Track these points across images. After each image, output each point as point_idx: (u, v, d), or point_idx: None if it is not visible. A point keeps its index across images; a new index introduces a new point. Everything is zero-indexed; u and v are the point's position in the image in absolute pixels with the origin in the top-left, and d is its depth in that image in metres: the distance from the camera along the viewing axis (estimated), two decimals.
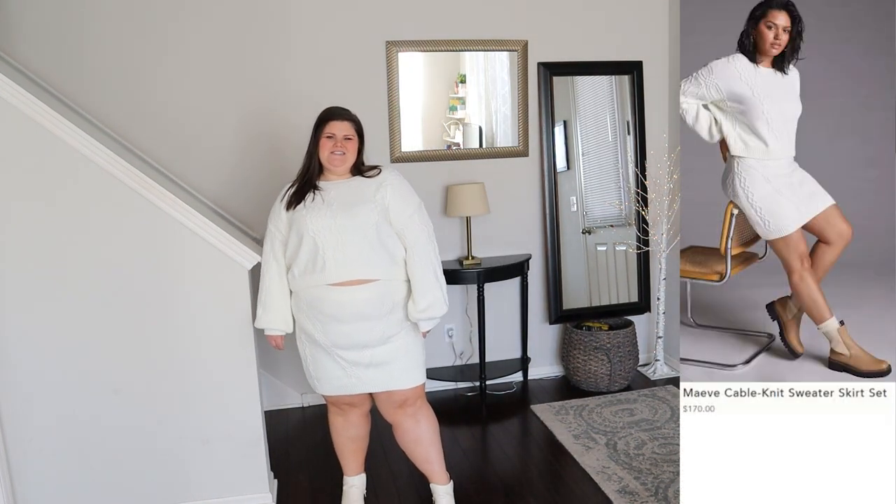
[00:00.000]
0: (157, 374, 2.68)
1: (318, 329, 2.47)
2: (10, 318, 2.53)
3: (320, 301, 2.43)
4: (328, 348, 2.49)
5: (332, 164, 2.49)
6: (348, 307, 2.41)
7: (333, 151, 2.48)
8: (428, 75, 3.85)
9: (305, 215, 2.44)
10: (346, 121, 2.52)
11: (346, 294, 2.41)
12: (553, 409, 3.74)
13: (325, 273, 2.41)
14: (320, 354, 2.52)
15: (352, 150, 2.51)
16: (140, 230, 2.59)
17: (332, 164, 2.49)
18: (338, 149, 2.48)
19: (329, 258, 2.40)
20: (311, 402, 3.94)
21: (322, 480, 3.11)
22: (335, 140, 2.48)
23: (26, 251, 2.51)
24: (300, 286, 2.48)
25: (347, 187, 2.50)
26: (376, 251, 2.44)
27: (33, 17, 3.31)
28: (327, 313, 2.43)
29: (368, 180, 2.52)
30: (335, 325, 2.44)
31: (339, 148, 2.48)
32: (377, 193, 2.47)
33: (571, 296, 4.12)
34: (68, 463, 2.67)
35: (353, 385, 2.54)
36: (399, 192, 2.50)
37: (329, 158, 2.48)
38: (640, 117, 4.08)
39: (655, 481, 2.96)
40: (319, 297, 2.43)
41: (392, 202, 2.47)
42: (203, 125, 3.57)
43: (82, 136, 2.47)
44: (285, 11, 3.58)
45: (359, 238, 2.42)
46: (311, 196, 2.48)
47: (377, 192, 2.47)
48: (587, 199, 4.10)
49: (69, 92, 3.35)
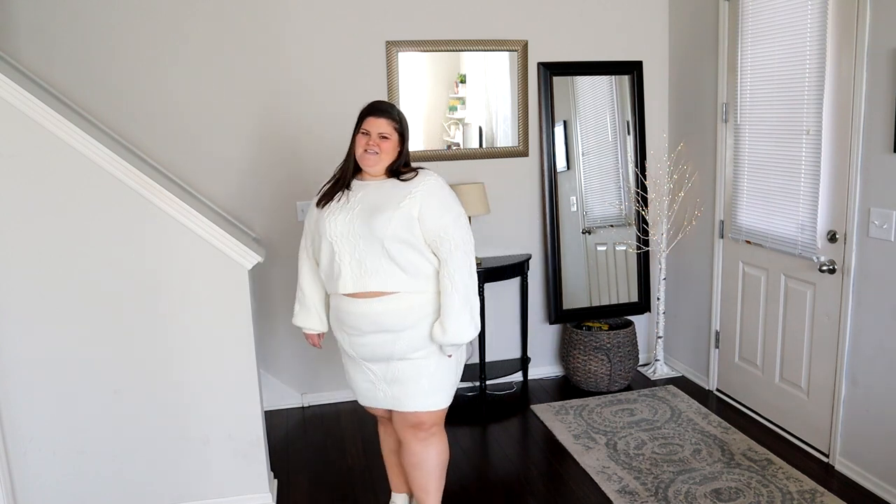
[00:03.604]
0: (157, 374, 2.68)
1: (345, 340, 2.38)
2: (10, 318, 2.53)
3: (342, 312, 2.32)
4: (356, 359, 2.41)
5: (363, 162, 2.30)
6: (366, 319, 2.27)
7: (366, 150, 2.28)
8: (428, 75, 3.85)
9: (328, 217, 2.28)
10: (385, 118, 2.30)
11: (362, 306, 2.26)
12: (553, 409, 3.74)
13: (339, 281, 2.27)
14: (350, 364, 2.46)
15: (387, 151, 2.29)
16: (140, 230, 2.58)
17: (364, 163, 2.30)
18: (371, 147, 2.27)
19: (345, 266, 2.25)
20: (311, 402, 3.94)
21: (322, 480, 3.12)
22: (370, 138, 2.28)
23: (26, 251, 2.51)
24: (328, 291, 2.40)
25: (377, 190, 2.29)
26: (395, 262, 2.23)
27: (33, 17, 3.31)
28: (350, 325, 2.32)
29: (401, 184, 2.28)
30: (359, 336, 2.32)
31: (373, 147, 2.27)
32: (404, 201, 2.23)
33: (571, 296, 4.12)
34: (68, 463, 2.67)
35: (379, 399, 2.42)
36: (432, 200, 2.25)
37: (361, 157, 2.29)
38: (640, 117, 4.08)
39: (655, 481, 2.96)
40: (341, 309, 2.33)
41: (423, 211, 2.23)
42: (202, 125, 3.57)
43: (83, 137, 2.47)
44: (285, 12, 3.58)
45: (376, 248, 2.22)
46: (340, 196, 2.32)
47: (404, 200, 2.24)
48: (587, 199, 4.10)
49: (69, 92, 3.35)
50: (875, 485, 2.84)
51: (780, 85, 3.23)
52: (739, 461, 3.10)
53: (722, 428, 3.43)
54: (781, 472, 2.99)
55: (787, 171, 3.21)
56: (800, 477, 2.95)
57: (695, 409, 3.65)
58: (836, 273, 2.97)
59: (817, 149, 3.01)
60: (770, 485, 2.90)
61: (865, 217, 2.81)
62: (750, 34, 3.40)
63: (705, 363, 3.97)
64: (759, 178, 3.42)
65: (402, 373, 2.34)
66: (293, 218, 3.76)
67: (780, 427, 3.41)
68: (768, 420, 3.49)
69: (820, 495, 2.81)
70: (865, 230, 2.82)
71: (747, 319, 3.60)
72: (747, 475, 2.98)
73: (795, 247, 3.18)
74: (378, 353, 2.33)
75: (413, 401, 2.35)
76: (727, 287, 3.75)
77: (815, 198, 3.04)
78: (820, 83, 2.97)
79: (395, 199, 2.25)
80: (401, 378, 2.35)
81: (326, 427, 3.66)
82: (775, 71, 3.25)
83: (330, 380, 3.94)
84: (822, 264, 2.99)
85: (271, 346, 3.81)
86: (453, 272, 2.25)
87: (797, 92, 3.11)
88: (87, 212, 2.53)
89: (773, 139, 3.30)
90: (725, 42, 3.59)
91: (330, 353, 3.93)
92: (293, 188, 3.73)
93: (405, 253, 2.24)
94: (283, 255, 3.75)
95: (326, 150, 3.73)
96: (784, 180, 3.24)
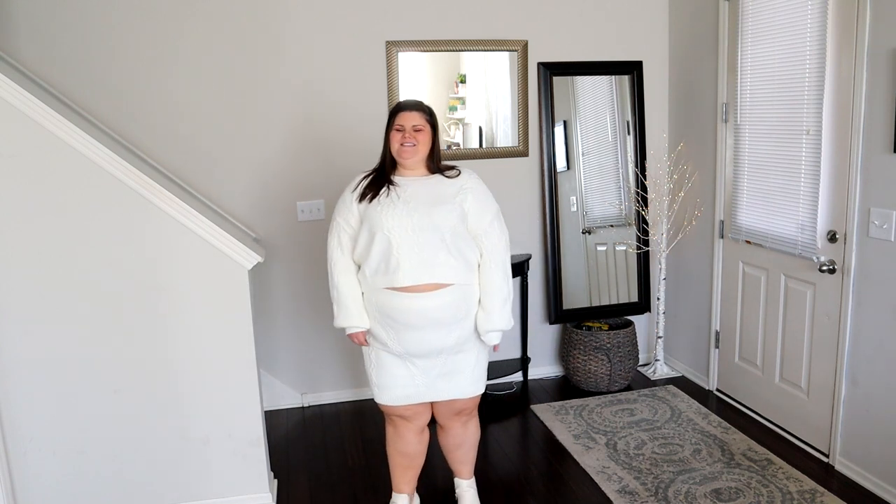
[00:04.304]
0: (156, 373, 2.68)
1: (392, 336, 2.38)
2: (10, 318, 2.53)
3: (392, 308, 2.34)
4: (401, 356, 2.41)
5: (402, 156, 2.38)
6: (422, 314, 2.32)
7: (403, 143, 2.37)
8: (428, 75, 3.85)
9: (381, 212, 2.33)
10: (416, 111, 2.41)
11: (419, 301, 2.31)
12: (553, 409, 3.74)
13: (398, 275, 2.30)
14: (388, 361, 2.45)
15: (423, 142, 2.39)
16: (140, 230, 2.58)
17: (402, 157, 2.38)
18: (407, 140, 2.37)
19: (403, 259, 2.30)
20: (311, 402, 3.94)
21: (322, 480, 3.12)
22: (404, 132, 2.38)
23: (26, 251, 2.51)
24: (370, 287, 2.38)
25: (426, 186, 2.40)
26: (453, 255, 2.34)
27: (33, 17, 3.31)
28: (401, 321, 2.34)
29: (448, 180, 2.42)
30: (410, 332, 2.35)
31: (409, 139, 2.37)
32: (457, 196, 2.38)
33: (571, 296, 4.12)
34: (68, 463, 2.67)
35: (420, 394, 2.46)
36: (480, 196, 2.41)
37: (399, 151, 2.38)
38: (640, 117, 4.08)
39: (655, 481, 2.96)
40: (391, 305, 2.34)
41: (472, 206, 2.39)
42: (202, 125, 3.57)
43: (83, 137, 2.47)
44: (285, 11, 3.58)
45: (436, 240, 2.31)
46: (387, 191, 2.38)
47: (457, 195, 2.38)
48: (587, 199, 4.10)
49: (69, 92, 3.35)
50: (875, 485, 2.84)
51: (780, 85, 3.23)
52: (739, 461, 3.10)
53: (722, 428, 3.43)
54: (781, 472, 2.99)
55: (787, 171, 3.21)
56: (800, 477, 2.95)
57: (695, 409, 3.65)
58: (836, 273, 2.97)
59: (817, 149, 3.01)
60: (770, 485, 2.90)
61: (865, 217, 2.81)
62: (750, 34, 3.40)
63: (705, 363, 3.97)
64: (759, 178, 3.42)
65: (454, 365, 2.45)
66: (293, 218, 3.76)
67: (780, 427, 3.41)
68: (768, 420, 3.49)
69: (820, 495, 2.81)
70: (865, 230, 2.82)
71: (747, 319, 3.60)
72: (747, 475, 2.98)
73: (795, 247, 3.18)
74: (430, 348, 2.38)
75: (464, 389, 2.49)
76: (727, 287, 3.75)
77: (815, 198, 3.04)
78: (820, 83, 2.97)
79: (449, 193, 2.39)
80: (452, 370, 2.45)
81: (326, 427, 3.66)
82: (775, 71, 3.25)
83: (330, 380, 3.94)
84: (822, 264, 2.99)
85: (271, 346, 3.81)
86: (498, 264, 2.42)
87: (797, 92, 3.11)
88: (87, 212, 2.53)
89: (773, 139, 3.30)
90: (725, 42, 3.59)
91: (330, 353, 3.94)
92: (293, 188, 3.73)
93: (459, 244, 2.37)
94: (283, 255, 3.75)
95: (326, 149, 3.73)
96: (784, 180, 3.24)
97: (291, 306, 3.84)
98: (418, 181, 2.41)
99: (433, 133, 2.44)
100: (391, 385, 2.46)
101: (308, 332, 3.87)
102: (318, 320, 3.86)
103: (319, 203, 3.76)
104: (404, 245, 2.30)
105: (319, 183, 3.75)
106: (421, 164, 2.44)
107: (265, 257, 2.96)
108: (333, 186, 3.76)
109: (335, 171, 3.75)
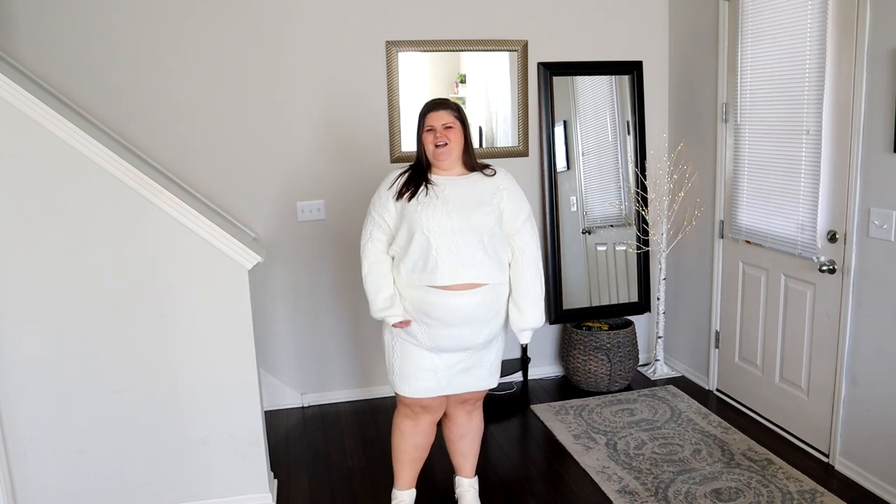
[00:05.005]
0: (156, 373, 2.68)
1: (423, 332, 2.41)
2: (10, 318, 2.53)
3: (428, 305, 2.36)
4: (431, 349, 2.44)
5: (437, 158, 2.40)
6: (458, 312, 2.35)
7: (436, 144, 2.39)
8: (428, 75, 3.85)
9: (420, 211, 2.35)
10: (444, 109, 2.43)
11: (456, 298, 2.35)
12: (553, 409, 3.74)
13: (436, 274, 2.33)
14: (414, 353, 2.46)
15: (455, 139, 2.41)
16: (140, 230, 2.58)
17: (437, 159, 2.41)
18: (440, 140, 2.39)
19: (442, 259, 2.33)
20: (311, 402, 3.94)
21: (322, 480, 3.12)
22: (435, 132, 2.39)
23: (26, 251, 2.51)
24: (407, 283, 2.40)
25: (464, 186, 2.42)
26: (489, 255, 2.38)
27: (33, 17, 3.31)
28: (437, 318, 2.37)
29: (487, 179, 2.45)
30: (444, 329, 2.39)
31: (442, 138, 2.39)
32: (494, 196, 2.41)
33: (571, 296, 4.12)
34: (68, 463, 2.67)
35: (442, 387, 2.50)
36: (514, 197, 2.45)
37: (434, 153, 2.40)
38: (640, 117, 4.08)
39: (655, 481, 2.96)
40: (428, 302, 2.36)
41: (507, 206, 2.42)
42: (202, 125, 3.57)
43: (83, 137, 2.47)
44: (285, 12, 3.58)
45: (474, 241, 2.35)
46: (425, 190, 2.39)
47: (494, 195, 2.41)
48: (587, 199, 4.10)
49: (69, 92, 3.35)
50: (875, 485, 2.84)
51: (780, 85, 3.23)
52: (739, 461, 3.10)
53: (722, 428, 3.43)
54: (781, 472, 2.99)
55: (787, 171, 3.21)
56: (800, 477, 2.95)
57: (695, 409, 3.65)
58: (836, 273, 2.97)
59: (817, 149, 3.01)
60: (770, 485, 2.90)
61: (865, 217, 2.81)
62: (750, 34, 3.40)
63: (705, 363, 3.97)
64: (759, 178, 3.42)
65: (478, 360, 2.51)
66: (293, 218, 3.76)
67: (780, 427, 3.41)
68: (768, 420, 3.49)
69: (820, 495, 2.81)
70: (865, 230, 2.82)
71: (747, 319, 3.60)
72: (747, 475, 2.98)
73: (795, 247, 3.18)
74: (461, 344, 2.43)
75: (481, 382, 2.55)
76: (727, 287, 3.75)
77: (815, 198, 3.04)
78: (820, 83, 2.97)
79: (487, 193, 2.42)
80: (476, 364, 2.51)
81: (326, 427, 3.66)
82: (775, 71, 3.25)
83: (330, 380, 3.94)
84: (822, 264, 2.99)
85: (271, 346, 3.81)
86: (531, 262, 2.47)
87: (797, 92, 3.11)
88: (87, 212, 2.53)
89: (773, 139, 3.30)
90: (725, 42, 3.59)
91: (331, 353, 3.94)
92: (293, 188, 3.73)
93: (496, 245, 2.41)
94: (283, 255, 3.75)
95: (327, 149, 3.73)
96: (784, 180, 3.24)
97: (291, 306, 3.83)
98: (456, 181, 2.43)
99: (464, 129, 2.45)
100: (415, 377, 2.48)
101: (308, 331, 3.87)
102: (318, 320, 3.86)
103: (319, 203, 3.76)
104: (443, 245, 2.33)
105: (319, 183, 3.75)
106: (457, 162, 2.46)
107: (265, 257, 2.96)
108: (333, 186, 3.77)
109: (335, 171, 3.75)
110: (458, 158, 2.46)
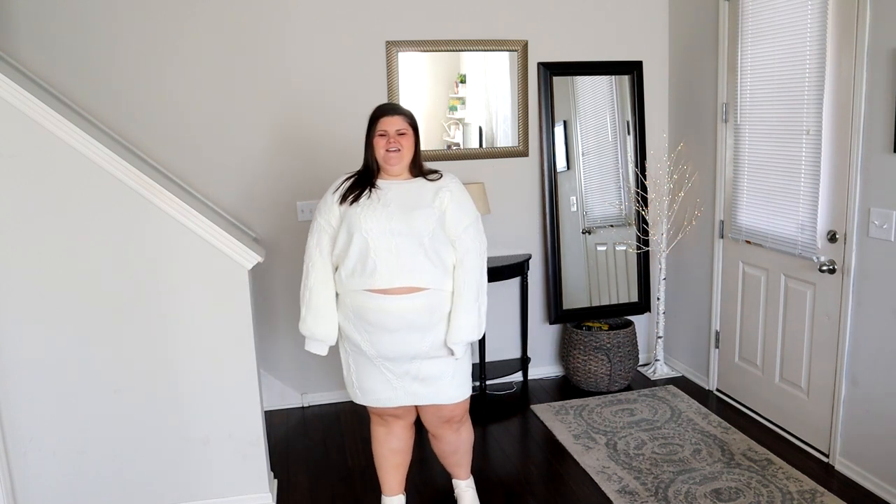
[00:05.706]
0: (156, 373, 2.68)
1: (365, 339, 2.37)
2: (10, 318, 2.53)
3: (366, 310, 2.33)
4: (374, 359, 2.40)
5: (388, 162, 2.37)
6: (396, 316, 2.31)
7: (388, 149, 2.36)
8: (428, 75, 3.85)
9: (360, 213, 2.32)
10: (398, 115, 2.40)
11: (393, 302, 2.30)
12: (553, 409, 3.74)
13: (374, 277, 2.30)
14: (366, 365, 2.43)
15: (407, 146, 2.39)
16: (140, 230, 2.58)
17: (388, 163, 2.38)
18: (392, 145, 2.36)
19: (381, 262, 2.29)
20: (311, 402, 3.94)
21: (322, 480, 3.12)
22: (388, 137, 2.37)
23: (26, 251, 2.51)
24: (346, 289, 2.37)
25: (407, 189, 2.39)
26: (431, 259, 2.33)
27: (33, 17, 3.31)
28: (374, 322, 2.33)
29: (429, 184, 2.41)
30: (383, 335, 2.34)
31: (394, 144, 2.36)
32: (436, 199, 2.36)
33: (571, 296, 4.12)
34: (68, 463, 2.67)
35: (399, 397, 2.44)
36: (458, 199, 2.39)
37: (385, 157, 2.37)
38: (640, 117, 4.08)
39: (655, 481, 2.96)
40: (365, 306, 2.33)
41: (449, 208, 2.37)
42: (202, 125, 3.57)
43: (83, 137, 2.47)
44: (285, 12, 3.58)
45: (415, 244, 2.31)
46: (368, 194, 2.37)
47: (436, 198, 2.36)
48: (587, 199, 4.10)
49: (69, 92, 3.36)
50: (875, 485, 2.84)
51: (780, 85, 3.23)
52: (739, 461, 3.10)
53: (722, 428, 3.43)
54: (781, 472, 2.99)
55: (787, 171, 3.21)
56: (800, 477, 2.95)
57: (695, 409, 3.65)
58: (836, 273, 2.97)
59: (817, 149, 3.01)
60: (770, 485, 2.90)
61: (865, 217, 2.81)
62: (750, 34, 3.40)
63: (705, 363, 3.97)
64: (759, 178, 3.42)
65: (431, 369, 2.42)
66: (293, 218, 3.76)
67: (780, 427, 3.41)
68: (768, 420, 3.49)
69: (820, 495, 2.81)
70: (865, 230, 2.82)
71: (747, 319, 3.60)
72: (747, 475, 2.98)
73: (795, 247, 3.19)
74: (403, 352, 2.36)
75: (448, 395, 2.46)
76: (727, 287, 3.75)
77: (815, 198, 3.04)
78: (820, 83, 2.97)
79: (428, 196, 2.37)
80: (431, 375, 2.42)
81: (326, 427, 3.66)
82: (775, 71, 3.25)
83: (330, 380, 3.94)
84: (822, 264, 2.99)
85: (271, 346, 3.81)
86: (467, 271, 2.38)
87: (797, 92, 3.11)
88: (87, 212, 2.53)
89: (773, 139, 3.30)
90: (725, 42, 3.59)
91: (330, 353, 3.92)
92: (293, 188, 3.73)
93: (438, 249, 2.35)
94: (284, 255, 3.75)
95: (327, 149, 3.73)
96: (784, 180, 3.24)
97: (292, 306, 3.83)
98: (400, 185, 2.41)
99: (416, 136, 2.43)
100: (371, 388, 2.46)
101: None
102: None
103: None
104: (382, 248, 2.30)
105: (320, 183, 3.73)
106: (405, 168, 2.43)
107: (265, 257, 2.96)
108: None
109: (335, 171, 3.72)
110: (407, 165, 2.43)
